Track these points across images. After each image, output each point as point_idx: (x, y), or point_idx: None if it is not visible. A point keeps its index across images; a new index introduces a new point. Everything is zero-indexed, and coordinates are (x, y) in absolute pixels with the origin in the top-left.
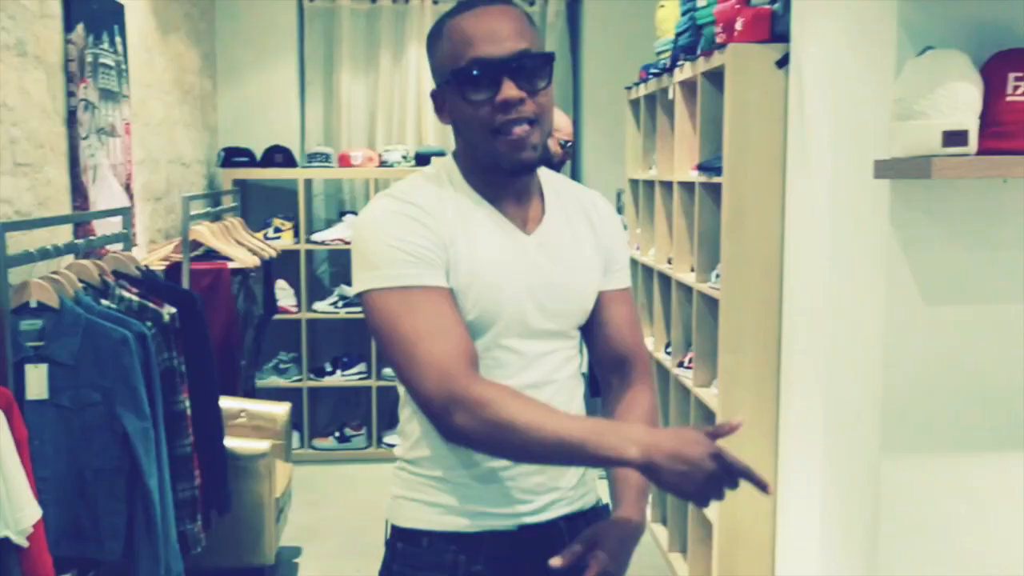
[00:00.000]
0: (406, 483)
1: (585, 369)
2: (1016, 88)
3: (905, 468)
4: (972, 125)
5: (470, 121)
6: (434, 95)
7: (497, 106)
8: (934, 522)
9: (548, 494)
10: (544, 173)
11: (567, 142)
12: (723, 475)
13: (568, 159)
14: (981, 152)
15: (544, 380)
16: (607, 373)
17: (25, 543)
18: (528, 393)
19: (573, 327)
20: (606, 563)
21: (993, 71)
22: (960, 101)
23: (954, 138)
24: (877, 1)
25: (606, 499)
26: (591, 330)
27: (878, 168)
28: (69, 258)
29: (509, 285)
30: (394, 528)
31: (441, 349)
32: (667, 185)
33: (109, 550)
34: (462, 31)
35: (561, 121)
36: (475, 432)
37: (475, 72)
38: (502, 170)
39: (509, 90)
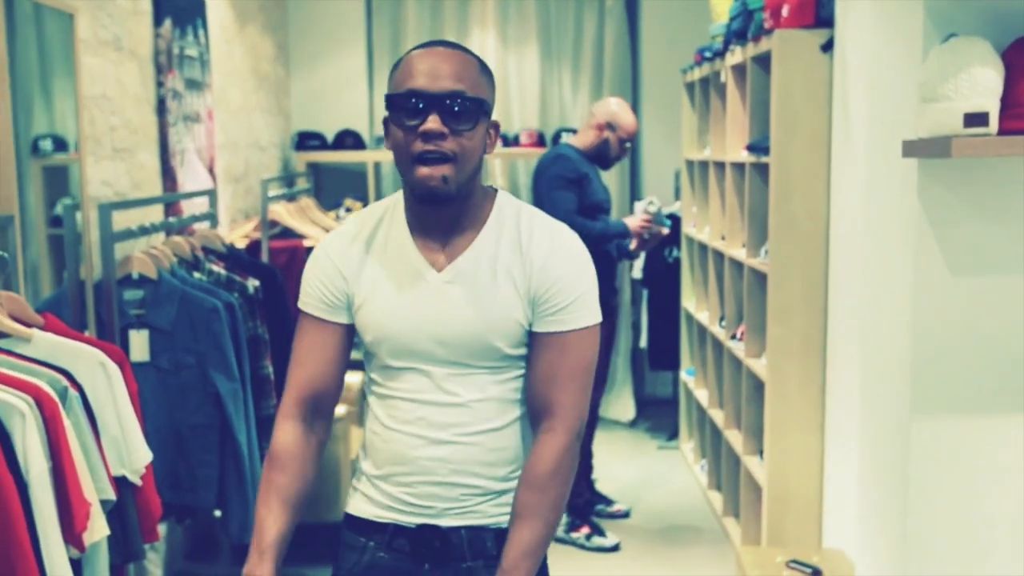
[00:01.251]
0: (355, 471)
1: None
2: None
3: (932, 430)
4: (993, 107)
5: (398, 147)
6: (384, 121)
7: (420, 136)
8: (959, 481)
9: (446, 503)
10: (508, 205)
11: (627, 141)
12: None
13: (625, 156)
14: (1002, 132)
15: (453, 400)
16: (531, 418)
17: (139, 482)
18: (434, 408)
19: (486, 360)
20: None
21: (1014, 56)
22: (981, 85)
23: (975, 119)
24: None
25: None
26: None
27: (905, 148)
28: (162, 235)
29: (399, 320)
30: (346, 515)
31: (295, 375)
32: (720, 165)
33: (204, 499)
34: (409, 64)
35: (625, 119)
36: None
37: (407, 101)
38: (415, 199)
39: (432, 123)
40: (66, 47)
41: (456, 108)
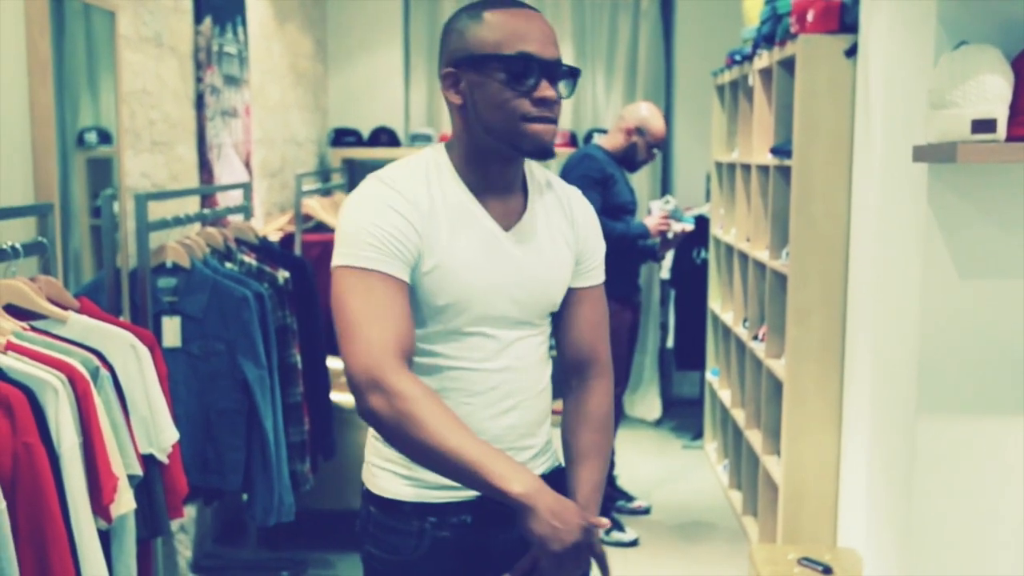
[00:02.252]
0: (379, 453)
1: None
2: None
3: (938, 429)
4: (1001, 114)
5: (502, 106)
6: (448, 75)
7: (535, 100)
8: (965, 481)
9: None
10: (529, 166)
11: (655, 146)
12: (586, 548)
13: (652, 160)
14: (1010, 139)
15: (516, 364)
16: (567, 373)
17: (165, 460)
18: (502, 375)
19: (543, 317)
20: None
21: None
22: (989, 92)
23: (982, 126)
24: None
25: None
26: (558, 326)
27: (916, 152)
28: (196, 226)
29: (482, 280)
30: (367, 492)
31: (377, 334)
32: (747, 167)
33: (231, 482)
34: (512, 25)
35: (655, 125)
36: (386, 418)
37: (521, 64)
38: (521, 152)
39: (548, 90)
40: (110, 44)
41: (562, 76)
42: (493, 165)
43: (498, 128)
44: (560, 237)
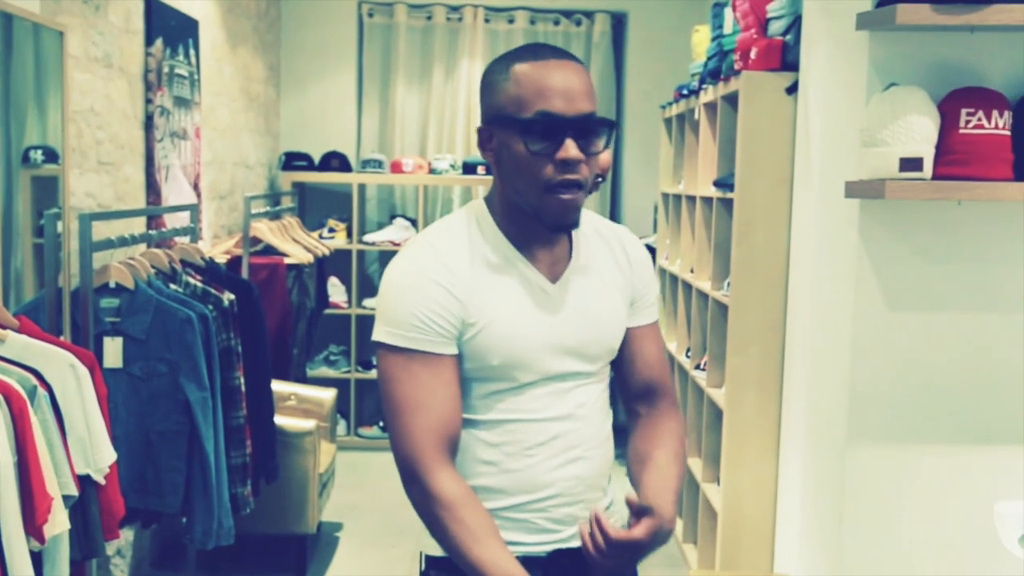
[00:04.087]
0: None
1: None
2: (967, 122)
3: (868, 457)
4: (927, 153)
5: (524, 171)
6: (481, 131)
7: (556, 163)
8: (893, 507)
9: (575, 523)
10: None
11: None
12: None
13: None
14: (936, 178)
15: (573, 413)
16: (634, 402)
17: (102, 480)
18: (562, 424)
19: (601, 364)
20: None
21: (949, 106)
22: (916, 132)
23: (910, 164)
24: (858, 39)
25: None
26: (619, 363)
27: (848, 188)
28: (142, 247)
29: (531, 338)
30: (428, 558)
31: (419, 423)
32: (692, 199)
33: (169, 504)
34: (535, 80)
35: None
36: (421, 513)
37: (542, 125)
38: (543, 226)
39: (571, 150)
40: (58, 63)
41: (591, 132)
42: (533, 220)
43: (523, 194)
44: (610, 282)
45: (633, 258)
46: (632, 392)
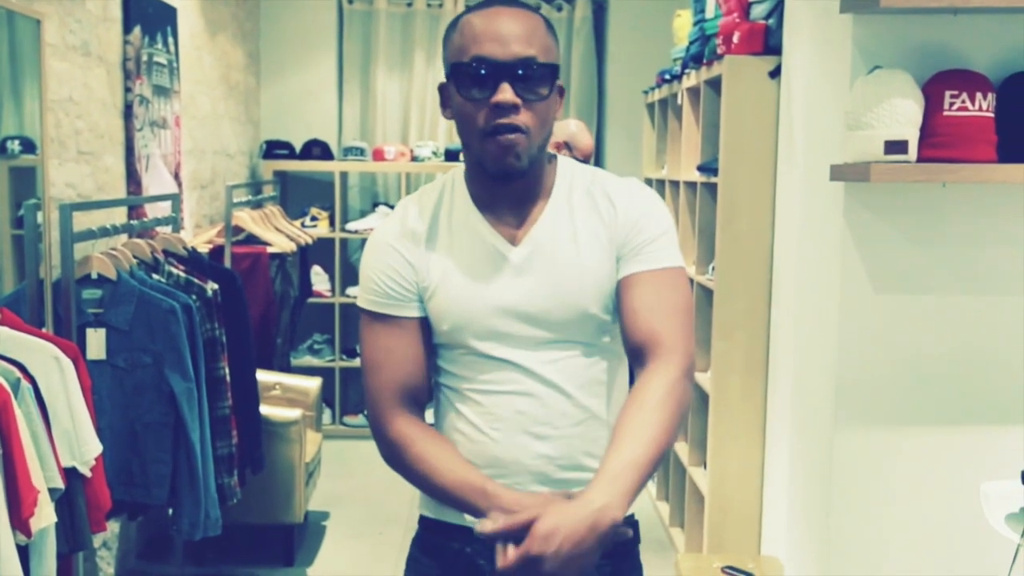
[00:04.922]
0: None
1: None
2: (951, 104)
3: (854, 439)
4: (912, 136)
5: (465, 120)
6: (441, 88)
7: (491, 108)
8: (880, 488)
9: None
10: (564, 165)
11: (583, 161)
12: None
13: (561, 152)
14: (921, 160)
15: (539, 388)
16: (632, 364)
17: (88, 473)
18: (530, 400)
19: (582, 334)
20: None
21: (933, 89)
22: (901, 115)
23: (895, 147)
24: (841, 22)
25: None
26: (618, 322)
27: (832, 172)
28: (124, 237)
29: (479, 301)
30: (420, 519)
31: (379, 382)
32: (675, 184)
33: (156, 495)
34: (472, 27)
35: (583, 140)
36: (391, 464)
37: (475, 70)
38: (488, 176)
39: (504, 93)
40: (35, 51)
41: (529, 76)
42: (493, 180)
43: (469, 146)
44: (590, 240)
45: (619, 203)
46: (629, 354)
